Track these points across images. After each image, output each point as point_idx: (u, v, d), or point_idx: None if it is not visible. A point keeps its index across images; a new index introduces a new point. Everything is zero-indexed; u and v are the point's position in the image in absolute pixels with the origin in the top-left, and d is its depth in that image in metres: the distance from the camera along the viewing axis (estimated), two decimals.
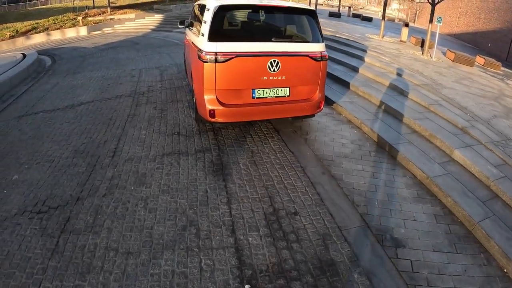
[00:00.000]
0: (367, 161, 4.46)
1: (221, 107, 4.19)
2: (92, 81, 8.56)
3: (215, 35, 4.12)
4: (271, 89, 4.37)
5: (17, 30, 26.60)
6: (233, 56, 4.09)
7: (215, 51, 4.03)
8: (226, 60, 4.07)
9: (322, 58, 4.53)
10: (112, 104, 6.40)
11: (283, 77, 4.37)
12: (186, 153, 4.45)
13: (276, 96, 4.42)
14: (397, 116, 5.72)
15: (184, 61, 7.21)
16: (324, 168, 4.24)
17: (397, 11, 44.96)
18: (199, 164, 4.19)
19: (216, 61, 4.03)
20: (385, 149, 4.79)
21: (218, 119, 4.27)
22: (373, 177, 4.12)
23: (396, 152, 4.60)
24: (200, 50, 4.21)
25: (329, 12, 25.54)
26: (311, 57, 4.50)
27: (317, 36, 4.60)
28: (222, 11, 4.20)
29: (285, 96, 4.46)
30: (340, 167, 4.27)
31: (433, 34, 12.22)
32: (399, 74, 8.08)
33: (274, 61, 4.25)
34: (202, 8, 4.78)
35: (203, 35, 4.20)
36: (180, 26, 6.68)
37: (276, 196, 3.63)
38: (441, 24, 12.20)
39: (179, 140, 4.79)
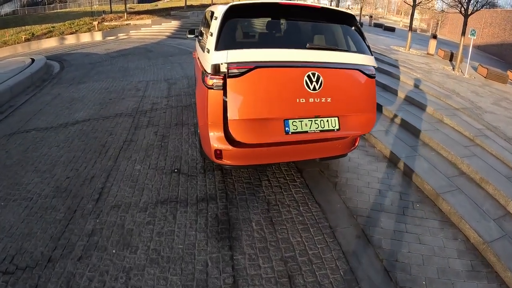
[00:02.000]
0: (410, 217, 3.54)
1: (230, 147, 3.23)
2: (94, 94, 7.90)
3: (225, 43, 3.10)
4: (313, 119, 3.17)
5: (33, 33, 26.61)
6: (252, 67, 2.98)
7: (225, 61, 2.97)
8: (242, 74, 2.96)
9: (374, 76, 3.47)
10: (109, 125, 5.68)
11: (329, 99, 3.16)
12: (185, 201, 3.59)
13: (320, 130, 3.19)
14: (440, 152, 4.78)
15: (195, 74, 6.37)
16: (359, 228, 3.33)
17: (418, 21, 43.65)
18: (200, 220, 3.32)
19: (228, 76, 2.96)
20: (431, 199, 3.86)
21: (226, 161, 3.36)
22: (419, 241, 3.21)
23: (445, 204, 3.68)
24: (205, 72, 3.26)
25: None
26: (364, 72, 3.38)
27: (363, 46, 3.51)
28: (234, 14, 3.23)
29: (333, 129, 3.24)
30: (379, 226, 3.36)
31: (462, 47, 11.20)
32: (435, 95, 7.12)
33: (314, 74, 3.09)
34: (211, 16, 3.87)
35: (208, 51, 3.22)
36: (189, 36, 5.87)
37: (297, 275, 2.74)
38: (475, 37, 11.18)
39: (178, 182, 3.94)
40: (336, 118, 3.26)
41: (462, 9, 11.18)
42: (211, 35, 3.31)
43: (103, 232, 3.09)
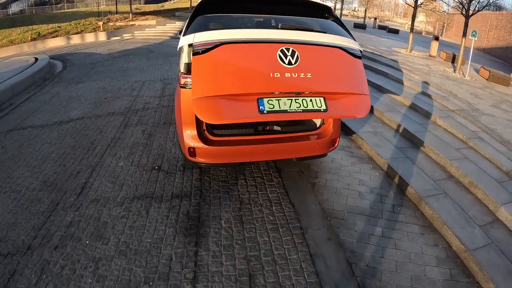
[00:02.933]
0: (389, 221, 3.47)
1: (203, 145, 3.28)
2: (91, 93, 8.04)
3: (193, 29, 2.99)
4: (294, 98, 2.89)
5: (39, 33, 26.91)
6: (218, 43, 2.80)
7: (191, 42, 2.82)
8: (207, 50, 2.78)
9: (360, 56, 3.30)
10: (100, 123, 5.80)
11: (309, 75, 2.88)
12: (160, 198, 3.62)
13: (303, 110, 2.87)
14: (430, 154, 4.70)
15: None
16: (332, 231, 3.26)
17: (424, 24, 43.29)
18: (171, 216, 3.35)
19: (192, 54, 2.81)
20: (413, 203, 3.78)
21: (200, 159, 3.39)
22: (395, 246, 3.13)
23: (427, 208, 3.60)
24: (179, 71, 3.32)
25: (354, 23, 24.53)
26: (347, 51, 3.17)
27: (343, 32, 3.38)
28: (207, 6, 3.29)
29: (319, 110, 2.91)
30: (353, 229, 3.29)
31: (464, 49, 11.07)
32: (430, 97, 7.04)
33: (288, 49, 2.87)
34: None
35: (182, 50, 3.23)
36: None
37: (258, 275, 2.71)
38: (475, 39, 11.06)
39: (157, 178, 3.98)
40: (322, 98, 2.96)
41: (463, 10, 11.07)
42: (184, 33, 3.30)
43: (80, 224, 3.22)
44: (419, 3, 14.62)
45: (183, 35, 3.10)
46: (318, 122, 3.74)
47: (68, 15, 38.45)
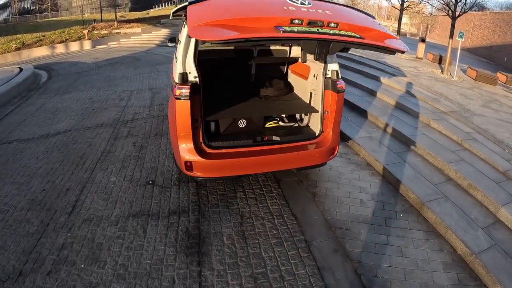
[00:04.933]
0: (393, 228, 3.40)
1: (200, 159, 3.17)
2: (77, 104, 7.79)
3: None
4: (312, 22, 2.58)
5: (23, 42, 26.39)
6: None
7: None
8: None
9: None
10: (89, 136, 5.59)
11: (328, 12, 2.76)
12: (157, 215, 3.47)
13: (334, 34, 2.57)
14: (427, 157, 4.67)
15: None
16: (337, 241, 3.19)
17: (408, 26, 43.95)
18: (170, 234, 3.20)
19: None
20: (416, 208, 3.73)
21: (197, 173, 3.28)
22: (401, 254, 3.07)
23: (430, 213, 3.55)
24: (173, 81, 3.24)
25: None
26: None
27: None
28: None
29: (355, 36, 2.64)
30: (358, 239, 3.22)
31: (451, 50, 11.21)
32: (422, 99, 7.06)
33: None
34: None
35: (176, 60, 3.25)
36: (170, 45, 5.76)
37: None
38: (463, 40, 11.19)
39: (152, 194, 3.82)
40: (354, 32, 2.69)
41: (450, 12, 11.21)
42: (180, 42, 3.27)
43: (73, 246, 3.03)
44: (404, 6, 14.77)
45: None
46: (317, 130, 3.71)
47: (52, 23, 37.85)
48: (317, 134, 3.68)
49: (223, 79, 4.78)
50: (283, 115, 4.26)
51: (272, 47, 4.87)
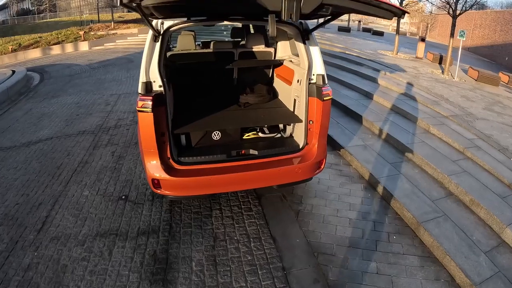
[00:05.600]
0: (384, 254, 3.07)
1: (168, 176, 2.89)
2: (63, 109, 7.64)
3: None
4: None
5: (20, 44, 26.08)
6: None
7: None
8: None
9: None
10: (69, 144, 5.40)
11: None
12: (125, 235, 3.21)
13: None
14: (425, 168, 4.35)
15: None
16: (319, 270, 2.85)
17: (407, 25, 43.51)
18: (136, 258, 2.93)
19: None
20: (411, 229, 3.41)
21: (166, 191, 3.01)
22: (392, 285, 2.75)
23: (427, 235, 3.23)
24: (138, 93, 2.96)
25: (338, 26, 24.32)
26: None
27: None
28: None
29: None
30: (344, 267, 2.89)
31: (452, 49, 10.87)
32: (422, 102, 6.73)
33: None
34: None
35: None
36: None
37: None
38: (464, 39, 10.85)
39: (123, 210, 3.57)
40: None
41: (451, 10, 10.87)
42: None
43: (38, 267, 2.88)
44: (404, 4, 14.43)
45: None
46: (301, 142, 3.38)
47: (50, 24, 37.56)
48: (301, 146, 3.34)
49: (200, 86, 4.48)
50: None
51: (255, 49, 4.55)
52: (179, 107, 3.84)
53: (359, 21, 30.63)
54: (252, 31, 5.72)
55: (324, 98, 3.15)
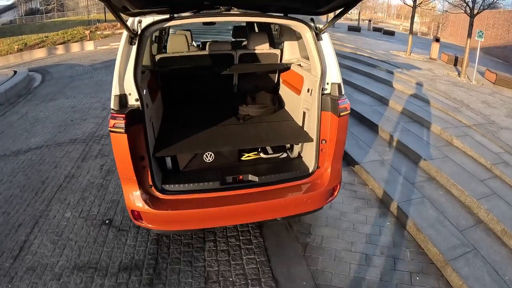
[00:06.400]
0: None
1: (149, 209, 2.43)
2: (59, 114, 7.34)
3: None
4: None
5: (25, 43, 25.99)
6: None
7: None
8: None
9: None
10: (58, 155, 5.07)
11: None
12: (105, 270, 2.79)
13: None
14: (451, 189, 3.84)
15: None
16: None
17: (418, 24, 42.62)
18: None
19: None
20: (437, 267, 2.89)
21: (148, 224, 2.55)
22: None
23: (454, 276, 2.72)
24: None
25: (348, 26, 23.68)
26: None
27: None
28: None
29: None
30: None
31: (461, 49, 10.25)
32: (441, 109, 6.20)
33: None
34: None
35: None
36: None
37: None
38: (482, 39, 10.26)
39: (105, 238, 3.16)
40: None
41: (468, 8, 10.27)
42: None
43: None
44: (418, 2, 13.82)
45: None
46: (311, 165, 2.83)
47: (58, 24, 37.52)
48: (310, 170, 2.81)
49: (192, 95, 3.97)
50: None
51: (258, 51, 4.01)
52: (163, 124, 3.34)
53: (369, 20, 29.92)
54: (257, 30, 5.22)
55: (341, 113, 2.58)
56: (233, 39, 5.24)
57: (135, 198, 2.43)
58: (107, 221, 3.38)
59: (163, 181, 2.64)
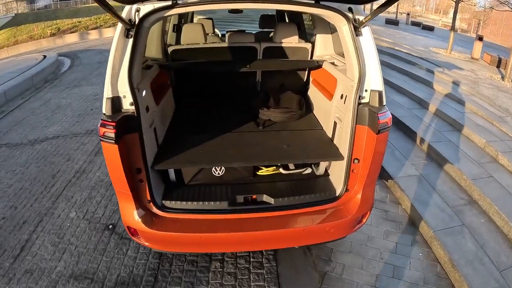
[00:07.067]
0: None
1: (146, 228, 2.14)
2: (80, 101, 7.35)
3: None
4: None
5: (58, 28, 26.67)
6: None
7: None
8: None
9: None
10: (72, 146, 5.00)
11: None
12: (101, 282, 2.61)
13: None
14: (494, 218, 3.30)
15: None
16: None
17: (458, 20, 40.34)
18: None
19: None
20: None
21: (145, 243, 2.29)
22: None
23: None
24: None
25: (386, 19, 22.53)
26: None
27: None
28: None
29: None
30: None
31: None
32: (486, 118, 5.58)
33: None
34: None
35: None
36: None
37: None
38: None
39: (106, 246, 2.97)
40: None
41: None
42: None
43: None
44: None
45: None
46: (338, 187, 2.41)
47: (92, 9, 38.18)
48: (338, 193, 2.38)
49: (206, 95, 3.59)
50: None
51: (285, 44, 3.53)
52: (173, 127, 2.99)
53: (408, 14, 28.45)
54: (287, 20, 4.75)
55: (380, 130, 2.10)
56: (260, 30, 4.81)
57: (130, 215, 2.16)
58: (110, 226, 3.20)
59: (164, 195, 2.34)
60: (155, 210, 2.21)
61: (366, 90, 2.21)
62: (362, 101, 2.21)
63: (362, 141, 2.21)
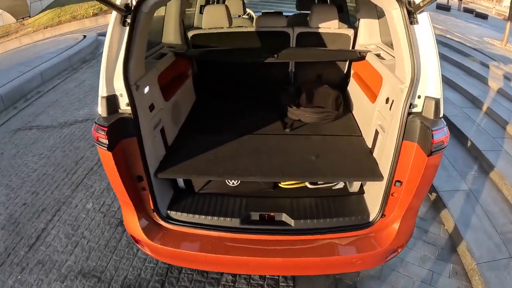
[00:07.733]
0: None
1: (147, 240, 1.95)
2: None
3: None
4: None
5: (101, 8, 27.19)
6: None
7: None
8: None
9: None
10: None
11: None
12: (108, 282, 2.57)
13: None
14: None
15: None
16: None
17: (507, 8, 36.71)
18: None
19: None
20: None
21: (149, 252, 2.13)
22: None
23: None
24: None
25: (437, 4, 20.88)
26: None
27: None
28: None
29: None
30: None
31: None
32: None
33: None
34: None
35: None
36: None
37: None
38: None
39: (117, 244, 2.93)
40: None
41: None
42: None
43: None
44: None
45: None
46: (374, 211, 1.99)
47: None
48: (371, 219, 1.98)
49: (228, 87, 3.24)
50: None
51: (322, 29, 3.07)
52: (187, 124, 2.71)
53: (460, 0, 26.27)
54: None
55: (433, 150, 1.65)
56: (297, 11, 4.36)
57: (132, 224, 1.98)
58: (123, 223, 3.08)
59: (171, 203, 2.11)
60: (159, 220, 2.01)
61: (419, 97, 1.73)
62: (413, 110, 1.74)
63: (409, 161, 1.76)
